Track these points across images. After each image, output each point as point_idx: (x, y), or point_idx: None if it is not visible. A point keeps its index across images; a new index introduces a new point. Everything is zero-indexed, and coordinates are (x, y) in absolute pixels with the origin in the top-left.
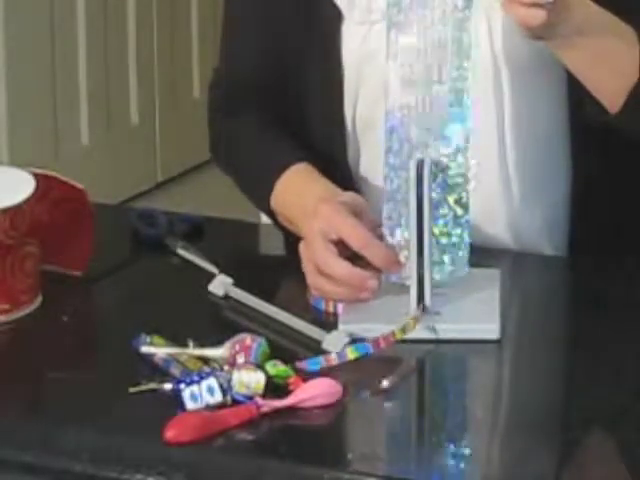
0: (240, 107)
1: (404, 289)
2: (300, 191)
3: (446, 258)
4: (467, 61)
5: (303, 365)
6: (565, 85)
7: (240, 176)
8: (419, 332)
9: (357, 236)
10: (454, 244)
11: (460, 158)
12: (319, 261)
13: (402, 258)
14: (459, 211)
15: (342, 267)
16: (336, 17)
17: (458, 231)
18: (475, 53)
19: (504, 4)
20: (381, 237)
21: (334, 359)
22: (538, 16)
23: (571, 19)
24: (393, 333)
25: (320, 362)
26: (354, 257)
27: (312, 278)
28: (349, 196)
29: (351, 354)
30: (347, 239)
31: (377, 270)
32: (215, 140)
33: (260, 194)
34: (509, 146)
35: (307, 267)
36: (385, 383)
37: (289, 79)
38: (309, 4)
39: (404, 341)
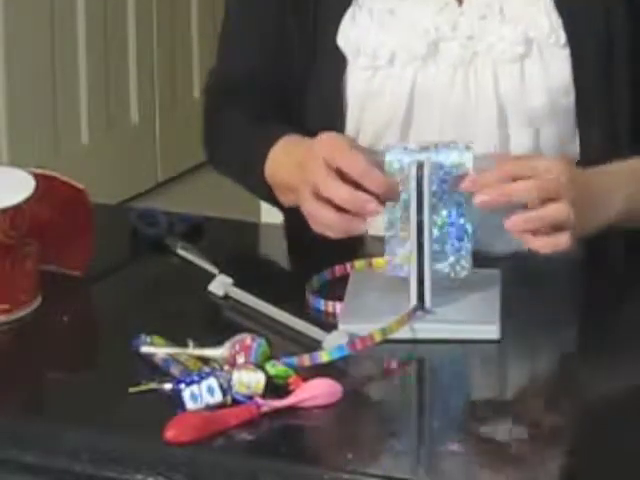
0: (233, 104)
1: (404, 289)
2: (292, 149)
3: (448, 248)
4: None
5: (277, 364)
6: (575, 131)
7: (233, 162)
8: (416, 333)
9: (357, 165)
10: (457, 236)
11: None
12: (320, 183)
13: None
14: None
15: (345, 189)
16: (341, 60)
17: (461, 221)
18: (480, 100)
19: (525, 241)
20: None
21: (306, 360)
22: (562, 241)
23: (597, 215)
24: (371, 335)
25: (293, 362)
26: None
27: (309, 204)
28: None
29: (325, 357)
30: (347, 168)
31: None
32: (208, 136)
33: (253, 170)
34: None
35: (304, 193)
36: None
37: (289, 93)
38: (315, 42)
39: (404, 341)
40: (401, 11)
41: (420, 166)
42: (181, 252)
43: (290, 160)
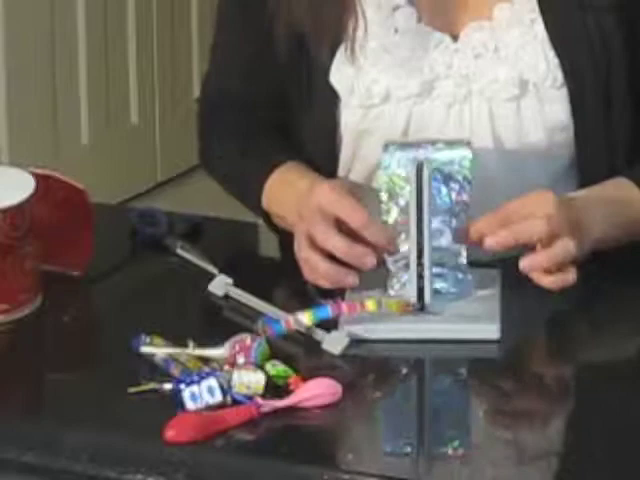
0: (226, 118)
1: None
2: (292, 180)
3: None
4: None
5: (269, 330)
6: (575, 166)
7: (229, 184)
8: (416, 333)
9: (357, 215)
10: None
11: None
12: (317, 234)
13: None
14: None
15: (342, 241)
16: (334, 97)
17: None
18: (475, 136)
19: (536, 280)
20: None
21: (292, 323)
22: (570, 277)
23: (582, 244)
24: (362, 303)
25: (281, 327)
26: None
27: (304, 253)
28: (344, 179)
29: (309, 318)
30: (346, 218)
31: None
32: (202, 149)
33: (250, 197)
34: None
35: (301, 242)
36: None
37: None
38: (309, 79)
39: (404, 341)
40: (394, 49)
41: (420, 167)
42: (181, 252)
43: (288, 197)
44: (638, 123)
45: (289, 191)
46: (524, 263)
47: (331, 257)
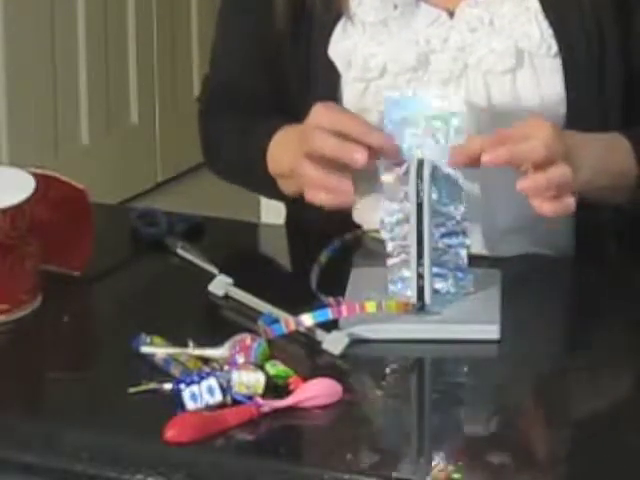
0: (228, 111)
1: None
2: (290, 133)
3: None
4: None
5: (269, 332)
6: None
7: (234, 164)
8: (416, 333)
9: (357, 123)
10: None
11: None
12: (311, 140)
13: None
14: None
15: (334, 139)
16: (334, 73)
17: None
18: (472, 112)
19: (536, 207)
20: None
21: (292, 324)
22: (570, 203)
23: (578, 174)
24: (362, 305)
25: (281, 327)
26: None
27: (300, 166)
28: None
29: (309, 320)
30: (346, 128)
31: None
32: (206, 145)
33: (255, 166)
34: (503, 207)
35: (298, 158)
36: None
37: (287, 107)
38: (308, 55)
39: (404, 341)
40: (393, 24)
41: (420, 165)
42: (181, 252)
43: (290, 143)
44: (631, 97)
45: (290, 138)
46: (523, 184)
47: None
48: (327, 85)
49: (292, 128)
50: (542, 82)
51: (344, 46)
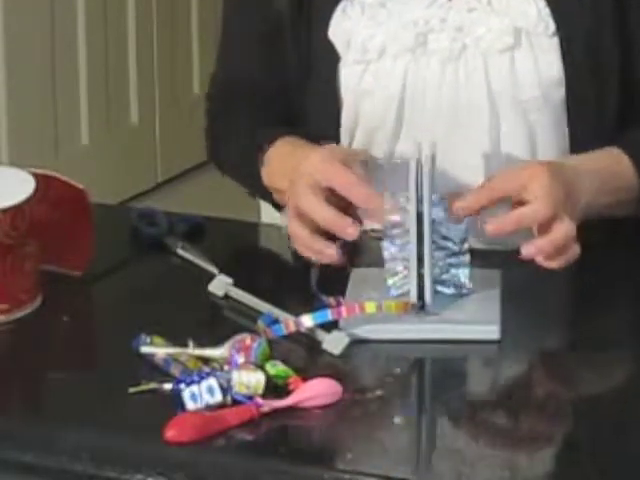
0: (235, 110)
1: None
2: (285, 157)
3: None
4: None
5: (269, 332)
6: (565, 123)
7: (237, 170)
8: (416, 333)
9: (343, 178)
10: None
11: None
12: (303, 203)
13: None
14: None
15: (326, 209)
16: (334, 56)
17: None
18: (471, 94)
19: (540, 264)
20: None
21: (292, 325)
22: (574, 253)
23: (578, 207)
24: (362, 305)
25: (281, 327)
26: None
27: (290, 224)
28: (341, 147)
29: (309, 321)
30: (331, 182)
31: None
32: (213, 146)
33: (256, 176)
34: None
35: (289, 214)
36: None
37: (290, 94)
38: (309, 37)
39: (404, 341)
40: (392, 5)
41: (420, 166)
42: (181, 252)
43: (283, 169)
44: (627, 80)
45: (284, 164)
46: (527, 250)
47: (325, 233)
48: (327, 69)
49: (287, 148)
50: (540, 61)
51: (343, 27)
